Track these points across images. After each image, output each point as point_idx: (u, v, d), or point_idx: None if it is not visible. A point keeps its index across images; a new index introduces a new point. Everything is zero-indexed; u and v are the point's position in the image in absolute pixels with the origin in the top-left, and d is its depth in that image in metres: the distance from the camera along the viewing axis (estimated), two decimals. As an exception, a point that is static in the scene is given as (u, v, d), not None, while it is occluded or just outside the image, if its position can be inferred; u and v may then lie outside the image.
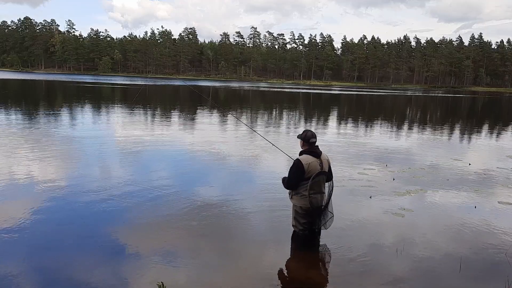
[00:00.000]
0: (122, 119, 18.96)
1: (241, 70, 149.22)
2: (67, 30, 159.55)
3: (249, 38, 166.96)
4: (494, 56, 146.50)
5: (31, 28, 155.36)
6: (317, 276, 4.54)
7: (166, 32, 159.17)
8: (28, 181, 7.42)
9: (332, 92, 66.75)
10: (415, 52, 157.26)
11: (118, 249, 4.81)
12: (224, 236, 5.35)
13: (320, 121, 21.89)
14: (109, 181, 7.67)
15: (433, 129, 19.04)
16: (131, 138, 12.97)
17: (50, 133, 13.41)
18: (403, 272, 4.51)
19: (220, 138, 13.99)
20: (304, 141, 4.96)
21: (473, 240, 5.43)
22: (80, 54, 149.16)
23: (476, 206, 6.92)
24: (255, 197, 6.96)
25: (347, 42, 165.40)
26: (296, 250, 5.02)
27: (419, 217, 6.28)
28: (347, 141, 13.85)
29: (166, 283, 3.73)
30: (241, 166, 9.60)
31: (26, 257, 4.51)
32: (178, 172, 8.81)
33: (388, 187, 7.90)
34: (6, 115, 18.18)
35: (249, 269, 4.52)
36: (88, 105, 25.82)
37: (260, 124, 18.66)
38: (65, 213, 5.95)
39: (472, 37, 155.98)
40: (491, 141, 16.02)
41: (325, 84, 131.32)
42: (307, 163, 4.78)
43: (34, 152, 9.93)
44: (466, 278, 4.43)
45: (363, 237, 5.38)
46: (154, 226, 5.54)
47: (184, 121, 19.39)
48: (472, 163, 10.41)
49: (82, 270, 4.27)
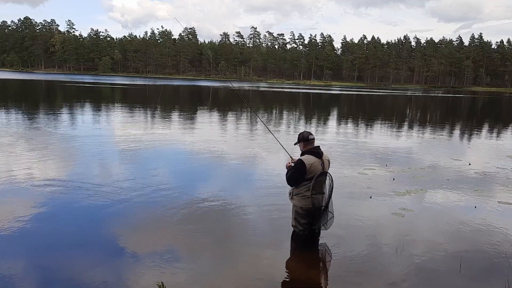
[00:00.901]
0: (179, 123, 18.81)
1: (241, 70, 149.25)
2: (67, 30, 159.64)
3: (249, 38, 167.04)
4: (494, 56, 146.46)
5: (31, 28, 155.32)
6: (317, 276, 4.54)
7: (166, 32, 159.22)
8: (29, 181, 7.40)
9: (332, 92, 66.75)
10: (415, 52, 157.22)
11: (118, 249, 4.81)
12: (224, 236, 5.35)
13: (321, 121, 21.90)
14: (135, 182, 7.68)
15: (433, 129, 19.04)
16: (197, 143, 12.40)
17: (89, 141, 13.39)
18: (403, 272, 4.51)
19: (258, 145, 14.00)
20: (303, 141, 4.98)
21: (473, 240, 5.43)
22: (80, 54, 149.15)
23: (476, 206, 6.92)
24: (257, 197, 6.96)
25: (347, 42, 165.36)
26: (296, 250, 5.02)
27: (419, 217, 6.28)
28: (347, 141, 13.85)
29: (166, 283, 3.73)
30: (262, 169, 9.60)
31: (26, 257, 4.51)
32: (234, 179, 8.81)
33: (388, 187, 7.90)
34: (32, 119, 18.18)
35: (249, 269, 4.52)
36: (121, 108, 24.87)
37: (276, 125, 18.67)
38: (65, 213, 5.94)
39: (472, 37, 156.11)
40: (491, 141, 16.02)
41: (325, 84, 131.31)
42: (310, 163, 4.79)
43: (75, 157, 9.93)
44: (466, 278, 4.43)
45: (363, 237, 5.38)
46: (154, 226, 5.54)
47: (221, 121, 19.41)
48: (472, 163, 10.41)
49: (82, 270, 4.27)
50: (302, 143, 5.01)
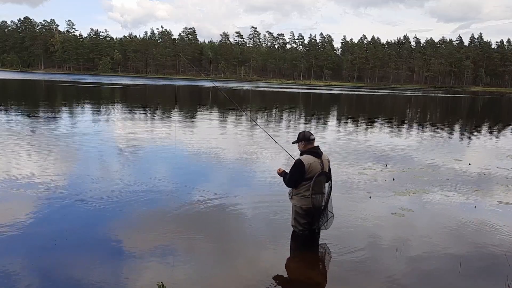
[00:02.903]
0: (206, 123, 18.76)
1: (241, 70, 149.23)
2: (67, 30, 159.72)
3: (249, 38, 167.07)
4: (494, 56, 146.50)
5: (31, 28, 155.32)
6: (317, 276, 4.54)
7: (166, 32, 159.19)
8: (29, 180, 7.40)
9: (332, 92, 66.74)
10: (415, 52, 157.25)
11: (118, 249, 4.81)
12: (224, 236, 5.35)
13: (321, 121, 21.89)
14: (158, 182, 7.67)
15: (433, 129, 19.04)
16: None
17: (117, 144, 13.38)
18: (403, 272, 4.51)
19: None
20: (304, 141, 4.97)
21: (473, 240, 5.43)
22: (80, 54, 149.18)
23: (476, 206, 6.92)
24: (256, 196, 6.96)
25: (347, 42, 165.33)
26: (296, 250, 5.02)
27: (419, 217, 6.28)
28: (347, 141, 13.85)
29: (166, 283, 3.73)
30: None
31: (26, 257, 4.51)
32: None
33: (388, 187, 7.90)
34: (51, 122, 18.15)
35: (249, 269, 4.52)
36: (142, 108, 24.75)
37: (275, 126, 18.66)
38: (64, 213, 5.93)
39: (472, 37, 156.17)
40: (491, 141, 16.02)
41: (325, 84, 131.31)
42: (308, 163, 4.79)
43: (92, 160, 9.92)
44: (466, 278, 4.42)
45: (363, 237, 5.38)
46: (154, 226, 5.54)
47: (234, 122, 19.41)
48: (472, 163, 10.41)
49: (82, 270, 4.27)
50: (303, 143, 5.00)
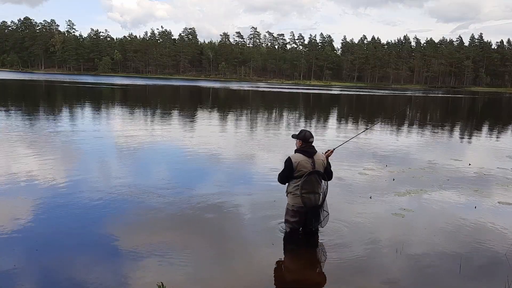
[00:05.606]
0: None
1: (241, 70, 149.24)
2: (67, 30, 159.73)
3: (249, 38, 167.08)
4: (494, 56, 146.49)
5: (31, 28, 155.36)
6: (315, 276, 4.53)
7: (166, 32, 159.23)
8: (28, 180, 7.39)
9: (332, 92, 66.72)
10: (415, 52, 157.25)
11: (118, 249, 4.80)
12: (223, 236, 5.35)
13: (320, 120, 21.88)
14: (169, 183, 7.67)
15: (433, 129, 19.03)
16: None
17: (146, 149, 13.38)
18: (403, 272, 4.50)
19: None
20: (302, 141, 4.98)
21: (473, 240, 5.42)
22: (80, 54, 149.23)
23: (476, 206, 6.91)
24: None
25: (347, 42, 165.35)
26: (294, 250, 5.02)
27: (419, 217, 6.27)
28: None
29: (166, 283, 3.73)
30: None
31: (25, 257, 4.50)
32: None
33: (388, 187, 7.89)
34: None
35: (249, 268, 4.52)
36: (142, 108, 24.63)
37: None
38: (64, 213, 5.93)
39: (472, 37, 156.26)
40: (491, 141, 16.01)
41: (325, 84, 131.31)
42: (296, 161, 4.84)
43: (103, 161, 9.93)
44: (466, 278, 4.42)
45: (363, 237, 5.37)
46: (154, 226, 5.54)
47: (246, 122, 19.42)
48: (472, 163, 10.40)
49: (82, 270, 4.27)
50: (300, 142, 5.02)
